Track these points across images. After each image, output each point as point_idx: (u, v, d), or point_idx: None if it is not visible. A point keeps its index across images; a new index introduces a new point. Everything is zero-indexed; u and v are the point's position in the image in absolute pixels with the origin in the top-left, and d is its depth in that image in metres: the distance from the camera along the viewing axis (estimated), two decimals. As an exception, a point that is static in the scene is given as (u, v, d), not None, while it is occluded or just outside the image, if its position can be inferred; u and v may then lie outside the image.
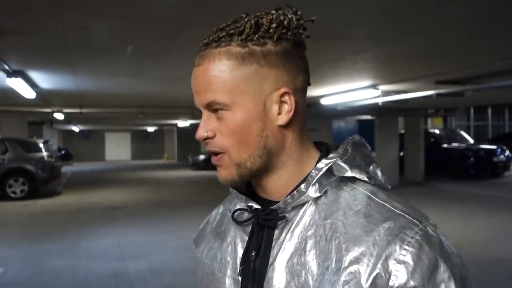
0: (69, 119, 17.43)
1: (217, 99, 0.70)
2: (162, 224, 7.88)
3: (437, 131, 17.12)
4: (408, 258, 0.63)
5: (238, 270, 0.78)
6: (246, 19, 0.71)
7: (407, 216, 0.67)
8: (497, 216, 8.17)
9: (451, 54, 5.54)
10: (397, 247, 0.63)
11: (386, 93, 9.07)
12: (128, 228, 7.51)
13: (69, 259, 5.64)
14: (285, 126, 0.73)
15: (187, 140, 27.64)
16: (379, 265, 0.63)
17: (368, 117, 17.35)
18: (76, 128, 27.59)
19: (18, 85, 6.91)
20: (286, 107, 0.72)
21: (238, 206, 0.82)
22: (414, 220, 0.66)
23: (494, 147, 14.87)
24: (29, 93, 7.96)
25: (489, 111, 25.11)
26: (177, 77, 7.20)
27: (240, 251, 0.79)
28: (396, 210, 0.68)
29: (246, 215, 0.79)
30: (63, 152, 24.92)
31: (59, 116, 13.91)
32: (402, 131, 15.32)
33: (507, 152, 14.75)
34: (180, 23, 4.08)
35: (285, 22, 0.71)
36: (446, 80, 7.58)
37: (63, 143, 29.02)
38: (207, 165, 19.87)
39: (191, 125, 22.82)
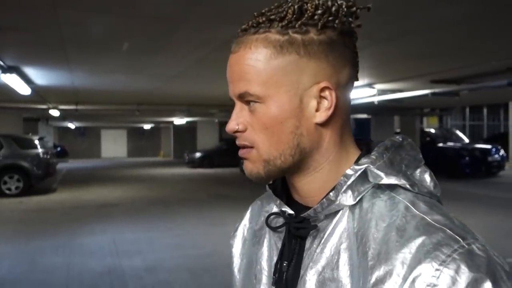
0: (65, 115, 17.36)
1: (250, 90, 0.64)
2: (157, 221, 7.86)
3: (432, 130, 17.18)
4: (441, 281, 0.52)
5: (272, 279, 0.73)
6: (290, 4, 0.65)
7: (447, 231, 0.56)
8: (493, 215, 8.21)
9: (447, 53, 5.56)
10: (429, 267, 0.53)
11: (382, 92, 9.09)
12: (123, 225, 7.50)
13: (63, 256, 5.63)
14: (322, 124, 0.66)
15: (183, 138, 27.65)
16: None
17: (364, 116, 17.39)
18: (72, 125, 27.50)
19: (13, 81, 6.87)
20: (325, 104, 0.65)
21: (274, 209, 0.77)
22: (456, 236, 0.55)
23: (489, 146, 14.95)
24: (24, 89, 7.93)
25: (485, 110, 25.21)
26: (174, 75, 7.18)
27: (275, 259, 0.73)
28: (435, 224, 0.58)
29: (281, 220, 0.73)
30: (58, 149, 24.80)
31: (54, 112, 13.85)
32: (398, 130, 15.37)
33: (502, 152, 14.84)
34: (176, 21, 4.08)
35: (333, 9, 0.64)
36: (441, 79, 7.61)
37: (58, 140, 28.93)
38: (203, 162, 19.93)
39: (187, 122, 22.82)
